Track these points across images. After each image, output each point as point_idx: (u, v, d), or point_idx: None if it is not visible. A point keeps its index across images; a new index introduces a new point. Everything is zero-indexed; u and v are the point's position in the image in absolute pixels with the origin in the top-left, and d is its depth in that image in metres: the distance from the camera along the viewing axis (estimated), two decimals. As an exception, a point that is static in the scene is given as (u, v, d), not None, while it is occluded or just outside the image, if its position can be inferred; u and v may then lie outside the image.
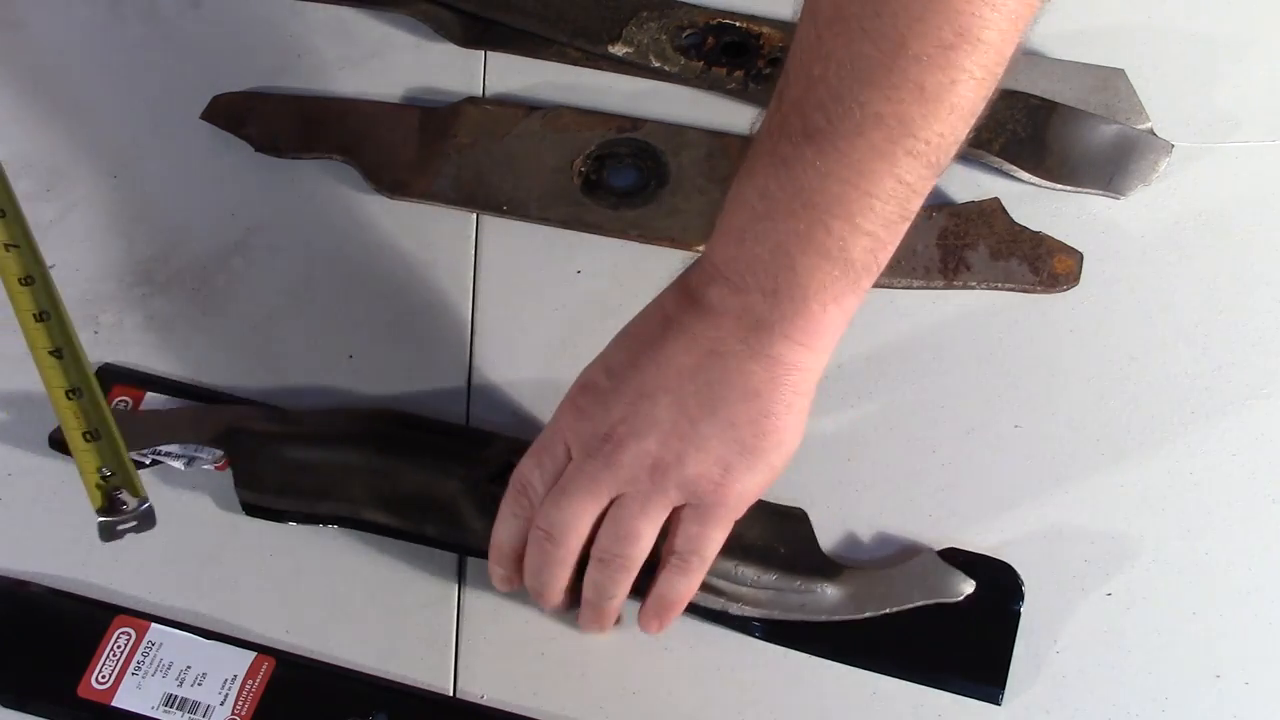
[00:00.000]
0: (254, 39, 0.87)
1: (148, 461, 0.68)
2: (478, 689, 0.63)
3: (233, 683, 0.62)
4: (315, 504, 0.67)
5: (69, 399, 0.64)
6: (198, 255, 0.77)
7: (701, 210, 0.77)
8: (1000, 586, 0.65)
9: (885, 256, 0.56)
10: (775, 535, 0.66)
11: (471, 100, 0.83)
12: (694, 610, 0.63)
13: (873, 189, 0.53)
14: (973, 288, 0.75)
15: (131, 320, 0.75)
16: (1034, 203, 0.78)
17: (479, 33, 0.87)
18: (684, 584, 0.60)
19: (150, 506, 0.63)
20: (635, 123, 0.81)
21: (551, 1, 0.86)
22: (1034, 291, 0.75)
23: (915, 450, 0.70)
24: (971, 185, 0.79)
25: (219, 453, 0.68)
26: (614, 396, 0.58)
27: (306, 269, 0.77)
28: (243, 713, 0.61)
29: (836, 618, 0.64)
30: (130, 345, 0.74)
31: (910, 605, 0.65)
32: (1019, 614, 0.65)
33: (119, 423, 0.66)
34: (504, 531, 0.61)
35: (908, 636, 0.64)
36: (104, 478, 0.63)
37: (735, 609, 0.65)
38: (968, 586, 0.65)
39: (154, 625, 0.64)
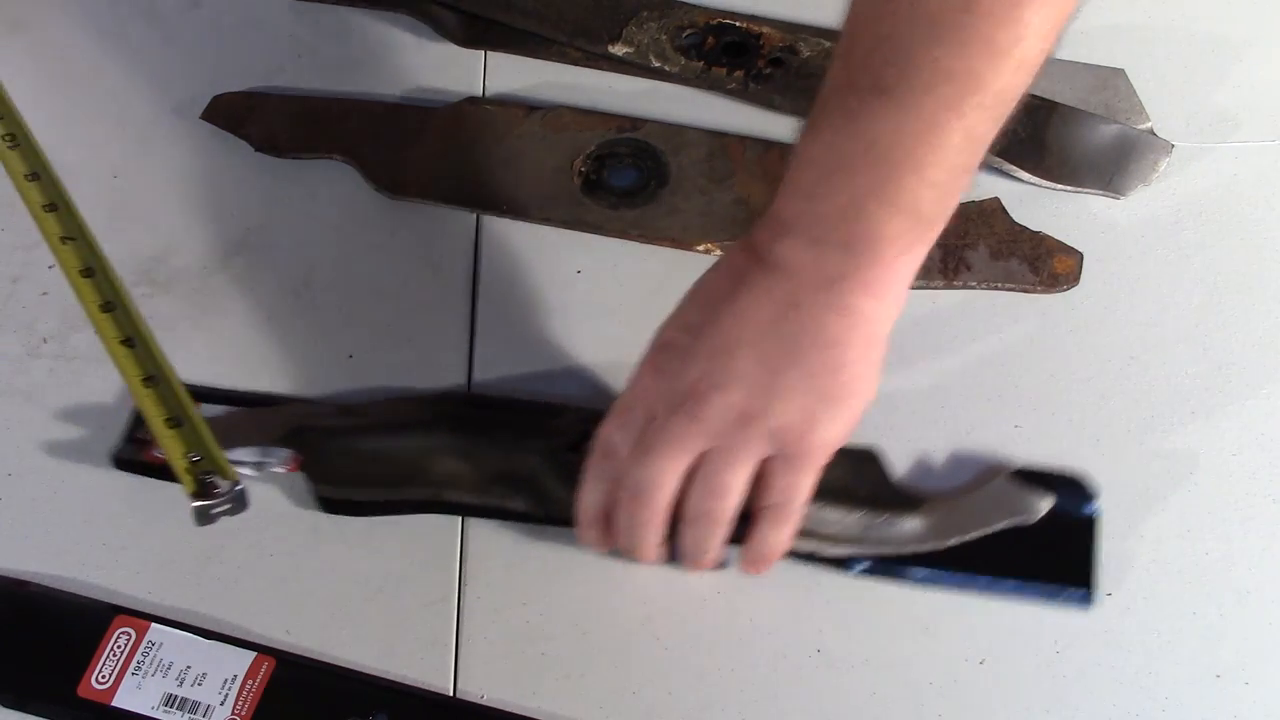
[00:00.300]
0: (254, 39, 0.87)
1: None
2: (478, 689, 0.63)
3: (233, 683, 0.62)
4: (396, 491, 0.68)
5: (147, 387, 0.65)
6: (198, 255, 0.77)
7: (701, 210, 0.77)
8: (1074, 496, 0.68)
9: (952, 205, 0.57)
10: (852, 475, 0.67)
11: (471, 100, 0.83)
12: (788, 555, 0.64)
13: (942, 142, 0.54)
14: (973, 288, 0.75)
15: (131, 320, 0.75)
16: (1034, 203, 0.78)
17: (479, 33, 0.87)
18: (779, 535, 0.61)
19: (243, 489, 0.64)
20: (635, 123, 0.81)
21: (552, 1, 0.86)
22: (1034, 291, 0.75)
23: (915, 450, 0.70)
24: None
25: (288, 453, 0.68)
26: (694, 353, 0.59)
27: (306, 269, 0.77)
28: (243, 713, 0.61)
29: (924, 548, 0.66)
30: (130, 345, 0.74)
31: (993, 529, 0.66)
32: (1095, 519, 0.67)
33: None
34: (590, 495, 0.62)
35: (993, 555, 0.66)
36: (192, 462, 0.63)
37: (827, 550, 0.66)
38: (1045, 504, 0.67)
39: (154, 625, 0.64)
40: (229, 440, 0.67)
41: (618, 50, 0.84)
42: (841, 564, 0.66)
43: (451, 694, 0.63)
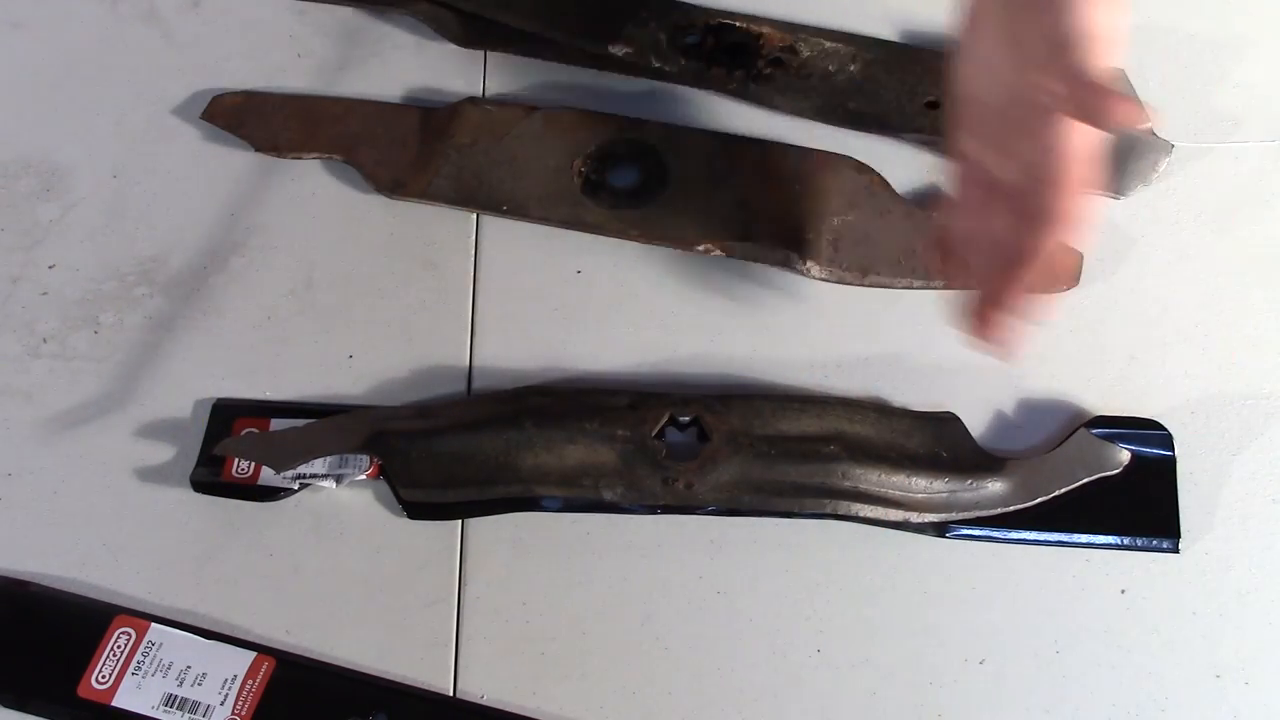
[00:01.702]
0: (254, 39, 0.87)
1: (295, 487, 0.68)
2: (478, 689, 0.64)
3: (233, 683, 0.62)
4: (485, 490, 0.67)
5: None
6: (197, 255, 0.77)
7: (702, 210, 0.77)
8: (1150, 443, 0.69)
9: None
10: (935, 441, 0.68)
11: (471, 100, 0.83)
12: (878, 524, 0.66)
13: None
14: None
15: (131, 320, 0.75)
16: (1034, 203, 0.78)
17: (479, 33, 0.87)
18: None
19: None
20: (635, 123, 0.81)
21: (551, 1, 0.86)
22: (1033, 291, 0.75)
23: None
24: (971, 185, 0.79)
25: (366, 459, 0.68)
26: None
27: (306, 269, 0.77)
28: (243, 713, 0.62)
29: (1011, 508, 0.67)
30: (130, 346, 0.74)
31: (1076, 484, 0.68)
32: (1174, 464, 0.69)
33: (261, 448, 0.68)
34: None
35: (1080, 508, 0.67)
36: None
37: (915, 518, 0.67)
38: (1124, 457, 0.68)
39: (154, 625, 0.64)
40: (310, 451, 0.67)
41: (618, 50, 0.84)
42: (938, 530, 0.67)
43: (451, 694, 0.63)
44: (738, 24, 0.85)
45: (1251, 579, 0.66)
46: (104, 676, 0.62)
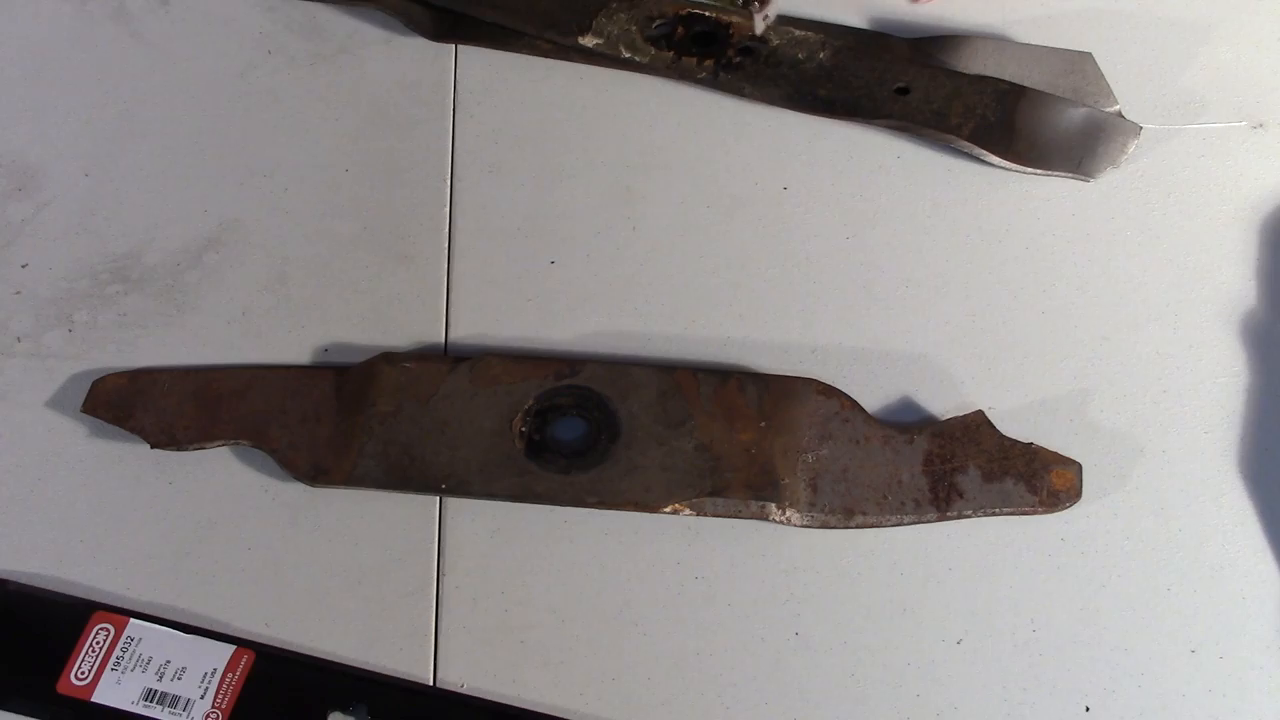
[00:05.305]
0: (224, 36, 0.87)
1: None
2: (457, 678, 0.64)
3: (212, 676, 0.62)
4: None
5: None
6: (171, 252, 0.77)
7: (662, 464, 0.69)
8: None
9: None
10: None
11: (386, 358, 0.73)
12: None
13: None
14: (968, 516, 0.69)
15: (105, 318, 0.75)
16: (1004, 187, 0.79)
17: (449, 26, 0.86)
18: None
19: None
20: (573, 366, 0.72)
21: (521, -6, 0.86)
22: (1035, 513, 0.69)
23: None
24: (941, 170, 0.79)
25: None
26: None
27: (280, 264, 0.77)
28: (223, 706, 0.62)
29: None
30: (104, 343, 0.74)
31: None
32: None
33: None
34: None
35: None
36: None
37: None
38: None
39: (133, 620, 0.64)
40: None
41: (588, 42, 0.84)
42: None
43: (431, 683, 0.64)
44: (707, 13, 0.86)
45: (1225, 554, 0.67)
46: (83, 673, 0.62)
